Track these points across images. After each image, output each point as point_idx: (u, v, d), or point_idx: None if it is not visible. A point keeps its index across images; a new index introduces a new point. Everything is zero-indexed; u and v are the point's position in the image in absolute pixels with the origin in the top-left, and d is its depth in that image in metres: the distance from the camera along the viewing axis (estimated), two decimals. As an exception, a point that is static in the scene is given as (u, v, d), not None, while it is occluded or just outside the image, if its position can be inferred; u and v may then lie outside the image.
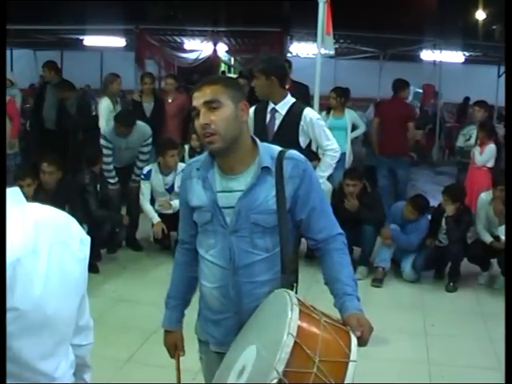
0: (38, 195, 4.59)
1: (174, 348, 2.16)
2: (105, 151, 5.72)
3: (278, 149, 1.90)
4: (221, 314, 1.94)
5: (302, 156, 1.94)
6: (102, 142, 5.78)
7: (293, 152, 1.91)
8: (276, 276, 1.87)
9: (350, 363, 1.49)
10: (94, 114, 8.07)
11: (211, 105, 1.78)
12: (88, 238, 1.35)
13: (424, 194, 5.91)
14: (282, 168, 1.83)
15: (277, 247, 1.86)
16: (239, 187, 1.84)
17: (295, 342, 1.44)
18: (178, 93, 7.95)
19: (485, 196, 5.17)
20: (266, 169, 1.83)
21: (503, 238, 4.79)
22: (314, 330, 1.52)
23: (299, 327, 1.48)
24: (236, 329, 1.87)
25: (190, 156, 6.51)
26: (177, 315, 2.13)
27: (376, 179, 6.83)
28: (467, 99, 12.56)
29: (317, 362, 1.44)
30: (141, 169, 5.78)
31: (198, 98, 1.80)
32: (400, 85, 6.83)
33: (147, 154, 5.93)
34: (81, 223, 1.36)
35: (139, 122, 5.96)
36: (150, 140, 5.94)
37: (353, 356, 1.51)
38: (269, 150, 1.88)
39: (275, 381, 1.40)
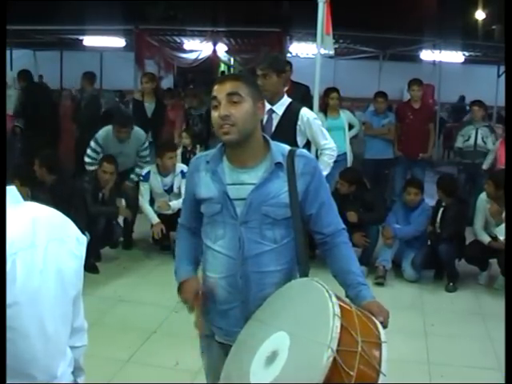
0: (38, 196, 4.59)
1: (194, 296, 2.00)
2: (90, 153, 5.72)
3: (287, 147, 2.00)
4: (228, 304, 1.97)
5: (311, 154, 2.09)
6: (93, 144, 5.75)
7: (303, 150, 2.07)
8: (283, 267, 1.94)
9: (383, 344, 1.58)
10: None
11: (232, 98, 1.86)
12: (84, 238, 1.37)
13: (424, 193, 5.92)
14: (294, 165, 1.93)
15: (285, 239, 1.94)
16: (251, 180, 1.91)
17: (341, 324, 1.52)
18: (176, 98, 8.02)
19: (483, 196, 5.18)
20: (278, 164, 1.92)
21: (501, 238, 4.79)
22: (350, 313, 1.61)
23: (340, 310, 1.56)
24: (243, 318, 1.91)
25: (183, 154, 6.50)
26: (191, 268, 2.09)
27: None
28: (463, 98, 12.57)
29: (360, 342, 1.52)
30: (136, 174, 5.82)
31: (220, 90, 1.88)
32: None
33: (146, 157, 5.93)
34: (82, 226, 1.37)
35: (135, 127, 5.96)
36: (146, 144, 5.95)
37: (383, 338, 1.61)
38: (279, 148, 1.98)
39: (331, 358, 1.45)
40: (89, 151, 5.77)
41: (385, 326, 1.72)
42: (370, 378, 1.52)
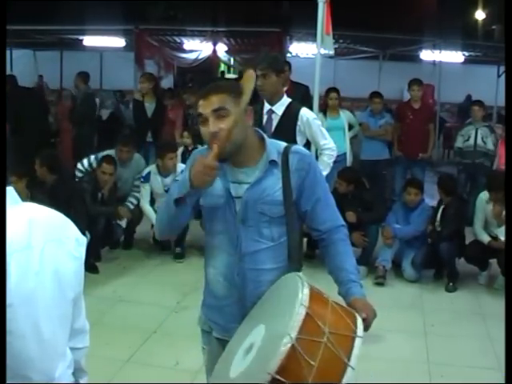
0: (37, 195, 4.60)
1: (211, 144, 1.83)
2: (86, 165, 5.56)
3: (283, 144, 2.00)
4: (225, 300, 1.99)
5: (306, 150, 2.07)
6: (92, 159, 5.61)
7: (298, 147, 2.05)
8: (280, 265, 1.94)
9: (357, 339, 1.56)
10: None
11: (219, 113, 1.84)
12: (84, 239, 1.36)
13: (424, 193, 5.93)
14: (288, 161, 1.93)
15: (282, 237, 1.94)
16: (247, 179, 1.93)
17: (307, 313, 1.51)
18: (176, 98, 8.02)
19: (483, 196, 5.18)
20: (273, 162, 1.92)
21: (502, 238, 4.80)
22: (324, 305, 1.60)
23: (310, 300, 1.55)
24: (239, 315, 1.92)
25: (183, 154, 6.50)
26: None
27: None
28: (469, 97, 12.52)
29: (327, 332, 1.50)
30: (131, 202, 5.71)
31: (205, 107, 1.86)
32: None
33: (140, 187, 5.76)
34: (83, 226, 1.36)
35: (135, 154, 5.95)
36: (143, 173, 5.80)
37: (359, 332, 1.58)
38: (275, 145, 1.98)
39: (289, 345, 1.44)
40: (85, 162, 5.63)
41: (367, 325, 1.72)
42: (336, 371, 1.50)
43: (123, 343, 3.79)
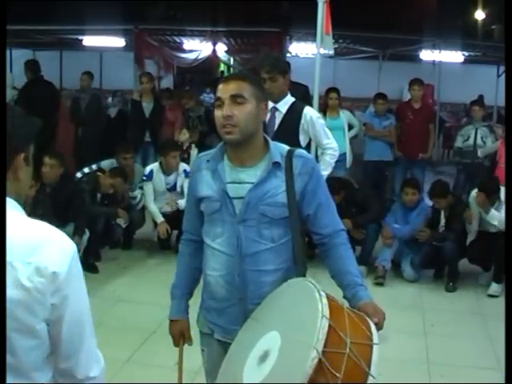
0: (39, 195, 4.60)
1: (180, 336, 2.15)
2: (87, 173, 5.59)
3: (286, 147, 2.01)
4: (225, 302, 1.98)
5: (310, 155, 2.10)
6: (94, 168, 5.64)
7: (302, 151, 2.06)
8: (282, 266, 1.95)
9: (374, 346, 1.57)
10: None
11: (236, 99, 1.88)
12: (52, 271, 1.19)
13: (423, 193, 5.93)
14: (292, 165, 1.93)
15: (282, 239, 1.95)
16: (249, 179, 1.93)
17: (329, 325, 1.51)
18: (175, 99, 8.02)
19: (474, 193, 5.20)
20: (276, 164, 1.93)
21: (494, 223, 4.82)
22: (341, 314, 1.60)
23: (330, 311, 1.54)
24: (241, 316, 1.92)
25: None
26: (184, 305, 2.13)
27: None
28: (481, 98, 12.48)
29: (348, 343, 1.51)
30: (133, 200, 5.70)
31: (225, 91, 1.90)
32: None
33: (136, 198, 5.75)
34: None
35: (136, 164, 5.99)
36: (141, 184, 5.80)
37: (375, 340, 1.59)
38: (278, 148, 1.99)
39: (316, 360, 1.45)
40: (86, 171, 5.65)
41: (380, 328, 1.72)
42: (358, 380, 1.51)
43: (123, 343, 3.79)
